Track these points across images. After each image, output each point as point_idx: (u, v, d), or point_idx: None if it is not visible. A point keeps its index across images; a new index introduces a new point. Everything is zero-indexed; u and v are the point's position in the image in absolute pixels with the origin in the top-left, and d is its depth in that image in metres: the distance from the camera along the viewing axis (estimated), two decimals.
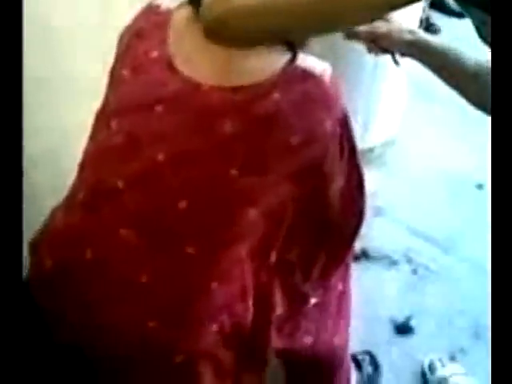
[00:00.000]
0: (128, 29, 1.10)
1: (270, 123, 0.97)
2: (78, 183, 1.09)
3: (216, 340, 1.05)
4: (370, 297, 1.61)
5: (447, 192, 2.27)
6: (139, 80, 1.04)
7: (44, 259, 1.08)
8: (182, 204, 0.97)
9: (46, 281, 1.08)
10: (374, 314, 1.83)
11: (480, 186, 2.30)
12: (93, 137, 1.10)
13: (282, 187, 1.01)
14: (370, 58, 1.99)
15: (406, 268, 2.02)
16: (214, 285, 1.00)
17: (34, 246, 1.13)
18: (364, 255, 1.98)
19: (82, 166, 1.10)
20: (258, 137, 0.97)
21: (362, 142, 1.33)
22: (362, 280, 1.44)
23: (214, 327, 1.04)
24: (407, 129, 2.40)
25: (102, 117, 1.08)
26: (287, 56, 1.00)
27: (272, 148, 0.98)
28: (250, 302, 1.08)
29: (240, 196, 0.98)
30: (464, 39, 2.92)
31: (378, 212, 2.07)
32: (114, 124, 1.03)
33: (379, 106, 2.25)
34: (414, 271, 2.01)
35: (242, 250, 1.03)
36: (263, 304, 1.12)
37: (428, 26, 2.90)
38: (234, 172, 0.96)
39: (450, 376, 1.67)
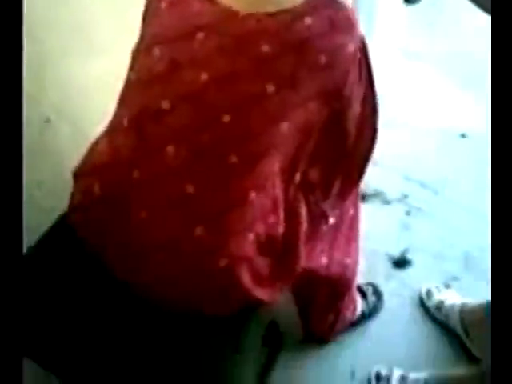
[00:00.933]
0: None
1: (302, 45, 1.08)
2: (121, 109, 1.18)
3: (253, 248, 1.15)
4: (368, 235, 1.73)
5: (435, 142, 2.41)
6: (178, 11, 1.13)
7: (92, 184, 1.16)
8: (226, 118, 1.07)
9: (95, 205, 1.16)
10: (372, 249, 1.95)
11: (463, 135, 2.45)
12: (133, 65, 1.18)
13: (311, 105, 1.12)
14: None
15: (400, 209, 2.15)
16: (253, 194, 1.10)
17: (77, 175, 1.21)
18: (361, 197, 2.10)
19: (125, 92, 1.18)
20: (292, 56, 1.08)
21: None
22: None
23: (251, 236, 1.13)
24: (396, 86, 2.52)
25: (141, 48, 1.17)
26: None
27: (304, 66, 1.08)
28: (281, 215, 1.19)
29: (276, 110, 1.09)
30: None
31: (373, 161, 2.19)
32: (155, 52, 1.12)
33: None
34: (408, 212, 2.15)
35: (275, 163, 1.13)
36: (292, 218, 1.22)
37: None
38: (270, 88, 1.07)
39: (446, 299, 1.81)
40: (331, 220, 1.37)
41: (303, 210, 1.26)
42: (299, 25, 1.08)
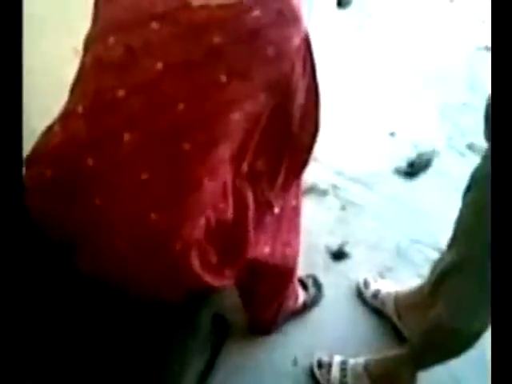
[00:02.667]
0: None
1: (251, 36, 1.13)
2: (75, 96, 1.19)
3: (203, 233, 1.18)
4: (305, 229, 1.80)
5: (365, 139, 2.51)
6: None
7: (44, 170, 1.16)
8: (180, 106, 1.10)
9: (45, 190, 1.17)
10: (310, 243, 2.01)
11: (392, 134, 2.56)
12: (87, 52, 1.19)
13: (260, 96, 1.17)
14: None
15: (335, 205, 2.23)
16: (205, 180, 1.14)
17: (30, 160, 1.20)
18: None
19: (79, 79, 1.19)
20: (242, 47, 1.12)
21: None
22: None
23: (202, 221, 1.17)
24: (328, 84, 2.60)
25: (96, 34, 1.19)
26: None
27: (253, 57, 1.13)
28: (231, 201, 1.23)
29: (228, 100, 1.13)
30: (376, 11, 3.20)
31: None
32: (110, 39, 1.14)
33: None
34: (343, 207, 2.23)
35: (227, 151, 1.17)
36: (241, 205, 1.27)
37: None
38: (223, 78, 1.11)
39: (382, 288, 1.90)
40: (276, 210, 1.42)
41: (250, 199, 1.30)
42: (249, 16, 1.13)
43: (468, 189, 1.44)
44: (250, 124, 1.19)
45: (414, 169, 2.42)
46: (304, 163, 1.42)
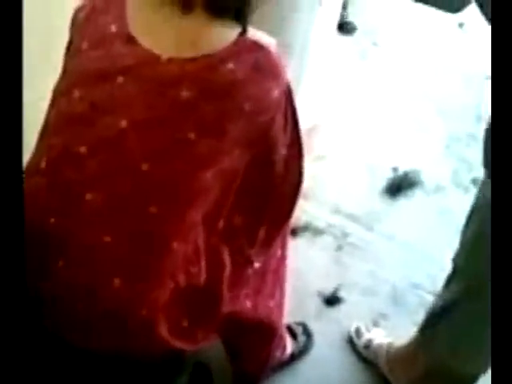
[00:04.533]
0: (83, 5, 1.15)
1: (224, 90, 1.06)
2: (38, 152, 1.13)
3: (172, 298, 1.12)
4: (298, 271, 1.72)
5: (366, 173, 2.43)
6: (99, 52, 1.09)
7: None
8: (145, 166, 1.04)
9: None
10: (302, 287, 1.94)
11: (394, 169, 2.48)
12: (53, 106, 1.14)
13: (235, 152, 1.10)
14: (300, 41, 2.11)
15: (330, 244, 2.15)
16: (175, 244, 1.08)
17: None
18: (291, 233, 2.09)
19: (42, 135, 1.14)
20: (214, 102, 1.06)
21: None
22: (290, 257, 1.56)
23: (171, 285, 1.11)
24: (329, 115, 2.54)
25: (62, 87, 1.13)
26: (237, 29, 1.09)
27: (227, 113, 1.07)
28: (203, 263, 1.17)
29: (197, 159, 1.07)
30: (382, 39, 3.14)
31: (303, 194, 2.19)
32: (76, 93, 1.08)
33: (302, 93, 2.37)
34: (339, 247, 2.15)
35: (198, 213, 1.11)
36: (214, 266, 1.20)
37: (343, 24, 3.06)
38: (192, 135, 1.04)
39: (374, 338, 1.82)
40: (256, 265, 1.35)
41: (226, 258, 1.24)
42: (221, 70, 1.06)
43: (468, 221, 1.39)
44: (225, 181, 1.13)
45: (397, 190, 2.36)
46: (287, 216, 1.35)
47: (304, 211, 2.14)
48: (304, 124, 2.43)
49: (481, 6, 1.03)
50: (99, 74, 1.08)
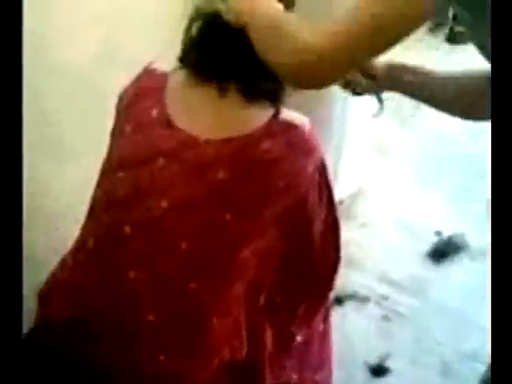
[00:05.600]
0: (128, 90, 1.22)
1: (260, 170, 1.09)
2: (86, 231, 1.18)
3: (217, 373, 1.13)
4: (344, 341, 1.70)
5: (410, 239, 2.41)
6: (141, 135, 1.15)
7: (54, 307, 1.15)
8: (184, 245, 1.08)
9: (56, 329, 1.15)
10: (349, 357, 1.92)
11: (438, 233, 2.45)
12: (100, 185, 1.19)
13: (271, 231, 1.13)
14: (338, 114, 2.15)
15: (376, 313, 2.12)
16: (215, 320, 1.10)
17: (42, 295, 1.19)
18: (336, 301, 2.08)
19: (90, 214, 1.19)
20: (250, 182, 1.09)
21: None
22: (335, 325, 1.55)
23: (216, 361, 1.12)
24: (371, 181, 2.56)
25: (108, 167, 1.19)
26: (271, 110, 1.13)
27: (262, 192, 1.10)
28: (245, 338, 1.18)
29: (234, 238, 1.09)
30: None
31: (348, 262, 2.18)
32: (119, 175, 1.14)
33: (345, 160, 2.40)
34: (385, 316, 2.12)
35: (237, 289, 1.13)
36: (256, 341, 1.20)
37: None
38: (228, 216, 1.08)
39: None
40: (299, 338, 1.35)
41: (268, 333, 1.24)
42: (257, 150, 1.09)
43: None
44: (263, 259, 1.15)
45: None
46: (327, 291, 1.35)
47: (349, 279, 2.13)
48: (347, 191, 2.49)
49: (482, 48, 0.98)
50: (141, 156, 1.13)
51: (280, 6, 1.08)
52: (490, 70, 0.88)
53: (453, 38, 3.83)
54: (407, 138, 2.96)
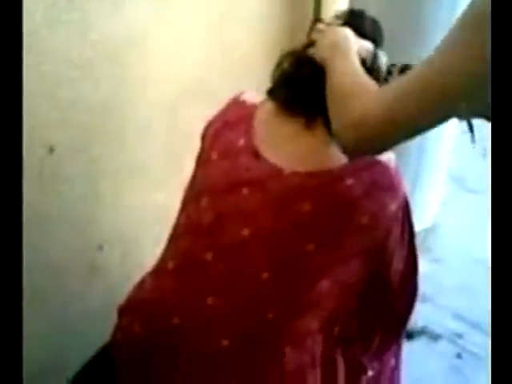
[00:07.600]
0: (215, 118, 1.26)
1: (343, 206, 1.10)
2: (168, 252, 1.22)
3: None
4: (414, 379, 1.66)
5: (485, 276, 2.34)
6: (227, 164, 1.18)
7: (133, 324, 1.19)
8: (265, 275, 1.09)
9: (134, 345, 1.19)
10: None
11: None
12: (183, 210, 1.23)
13: (352, 263, 1.13)
14: (414, 149, 2.13)
15: (449, 351, 2.07)
16: (288, 349, 1.11)
17: (122, 310, 1.24)
18: (409, 337, 2.05)
19: (173, 236, 1.23)
20: (333, 217, 1.10)
21: None
22: (406, 361, 1.52)
23: None
24: (447, 216, 2.51)
25: (192, 193, 1.23)
26: None
27: (345, 227, 1.10)
28: (319, 371, 1.18)
29: (315, 269, 1.10)
30: None
31: (421, 297, 2.14)
32: (203, 202, 1.17)
33: (421, 192, 2.36)
34: (459, 355, 2.06)
35: (314, 321, 1.14)
36: (330, 373, 1.21)
37: None
38: (310, 247, 1.09)
39: None
40: (370, 373, 1.34)
41: (341, 364, 1.24)
42: (341, 186, 1.10)
43: None
44: (342, 291, 1.16)
45: None
46: (401, 326, 1.34)
47: (421, 315, 2.09)
48: (422, 224, 2.45)
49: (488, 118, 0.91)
50: (226, 184, 1.16)
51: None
52: None
53: None
54: (485, 170, 2.88)
